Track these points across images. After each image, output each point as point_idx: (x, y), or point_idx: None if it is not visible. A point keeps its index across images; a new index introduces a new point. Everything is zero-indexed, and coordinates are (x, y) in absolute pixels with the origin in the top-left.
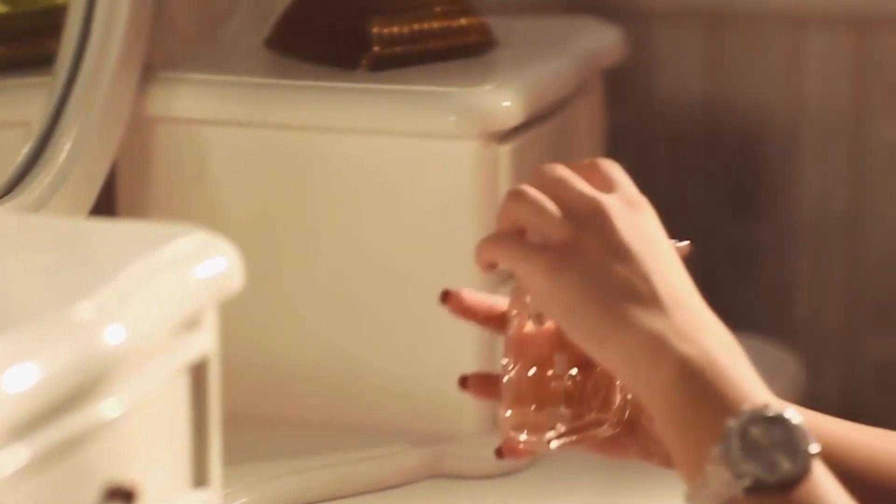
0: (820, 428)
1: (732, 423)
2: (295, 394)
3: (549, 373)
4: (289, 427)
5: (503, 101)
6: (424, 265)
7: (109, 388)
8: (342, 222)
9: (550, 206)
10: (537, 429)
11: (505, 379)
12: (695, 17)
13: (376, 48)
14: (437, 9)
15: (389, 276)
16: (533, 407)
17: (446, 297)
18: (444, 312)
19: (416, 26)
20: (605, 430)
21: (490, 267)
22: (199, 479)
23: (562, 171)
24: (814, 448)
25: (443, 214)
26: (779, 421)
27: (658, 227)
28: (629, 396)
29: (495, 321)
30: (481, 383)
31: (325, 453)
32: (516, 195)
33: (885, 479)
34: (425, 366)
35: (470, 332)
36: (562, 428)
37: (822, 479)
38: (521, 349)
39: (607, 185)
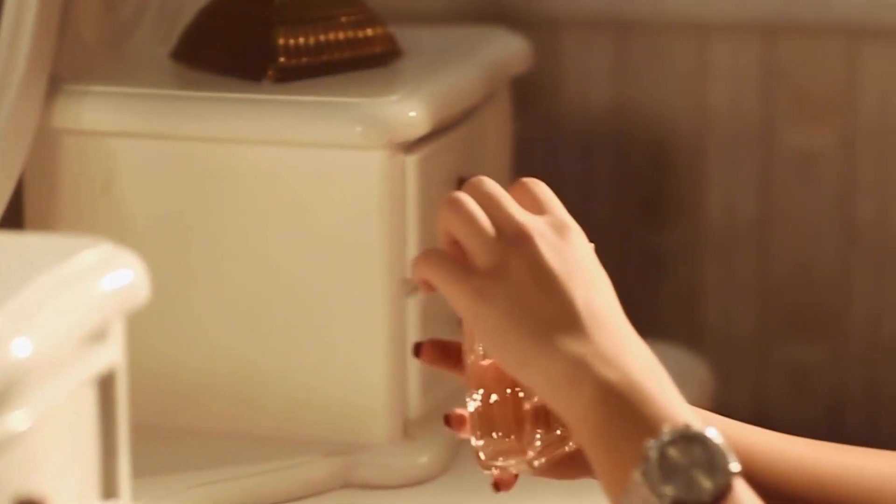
0: (747, 442)
1: (651, 444)
2: (204, 405)
3: (515, 395)
4: (198, 438)
5: (409, 111)
6: (332, 275)
7: (17, 400)
8: (249, 233)
9: (484, 223)
10: (516, 451)
11: (472, 409)
12: (601, 26)
13: (282, 59)
14: (343, 19)
15: (297, 286)
16: (503, 432)
17: (419, 350)
18: (351, 322)
19: (321, 37)
20: (572, 446)
21: (426, 286)
22: (108, 491)
23: (494, 188)
24: (734, 467)
25: (350, 224)
26: (699, 440)
27: (585, 250)
28: None
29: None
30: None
31: (235, 464)
32: (453, 204)
33: (814, 490)
34: (335, 376)
35: (377, 342)
36: (539, 445)
37: (744, 497)
38: (482, 377)
39: (537, 207)
